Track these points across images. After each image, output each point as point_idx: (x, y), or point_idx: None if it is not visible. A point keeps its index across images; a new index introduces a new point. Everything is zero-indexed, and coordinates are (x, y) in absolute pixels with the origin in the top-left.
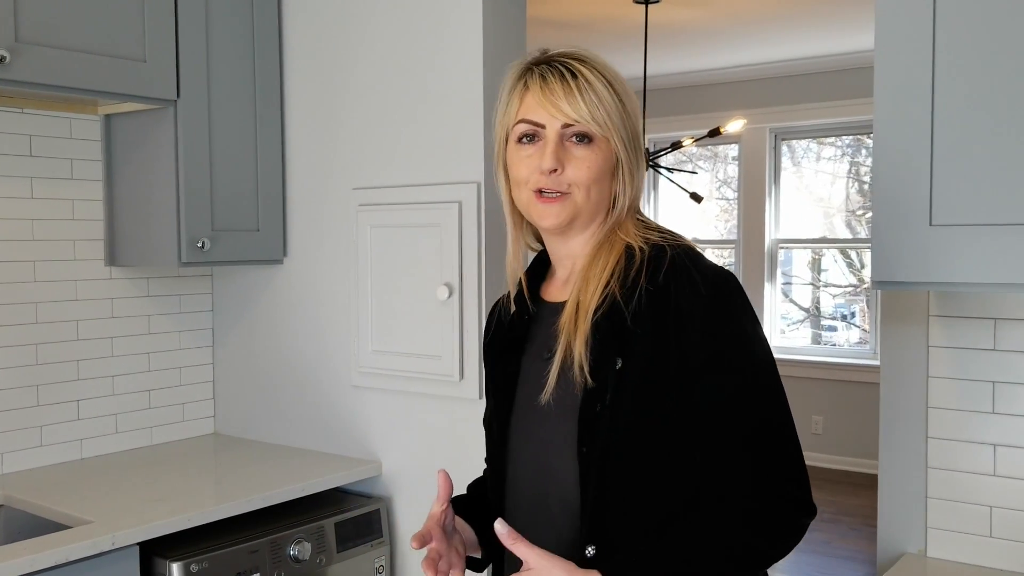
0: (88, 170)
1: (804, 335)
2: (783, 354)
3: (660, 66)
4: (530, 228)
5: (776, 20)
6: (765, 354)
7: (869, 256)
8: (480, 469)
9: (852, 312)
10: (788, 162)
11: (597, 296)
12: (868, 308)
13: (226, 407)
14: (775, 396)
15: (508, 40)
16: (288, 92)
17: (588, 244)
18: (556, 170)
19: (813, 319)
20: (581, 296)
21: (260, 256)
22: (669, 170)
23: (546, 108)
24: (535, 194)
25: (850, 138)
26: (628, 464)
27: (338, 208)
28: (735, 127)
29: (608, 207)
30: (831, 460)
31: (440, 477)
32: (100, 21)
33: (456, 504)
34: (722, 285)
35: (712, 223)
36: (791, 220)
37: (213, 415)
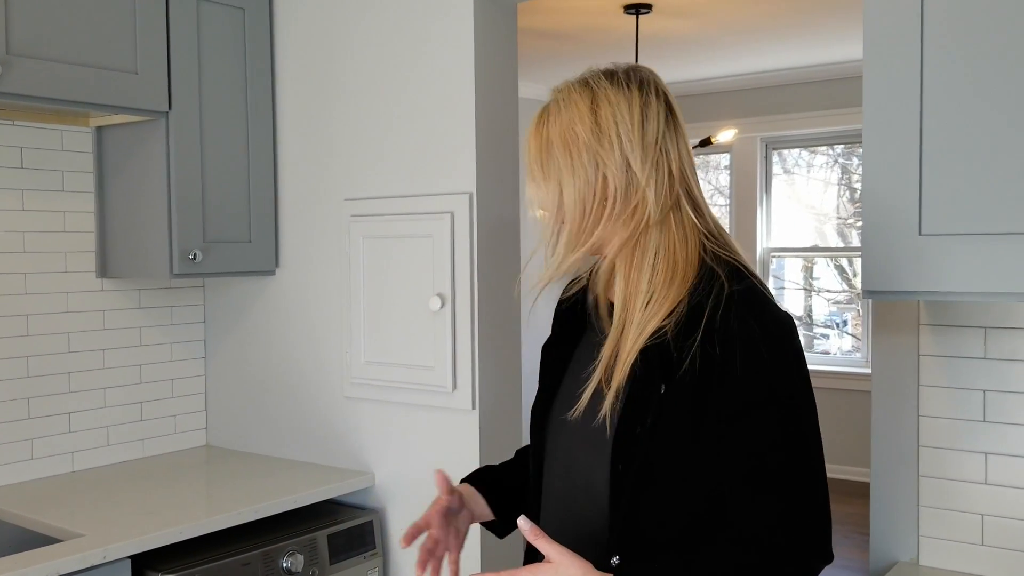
0: (79, 182)
1: None
2: None
3: None
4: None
5: (766, 30)
6: (806, 403)
7: (860, 264)
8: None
9: (844, 320)
10: (779, 170)
11: (652, 326)
12: (860, 316)
13: (218, 419)
14: (810, 445)
15: (499, 51)
16: (280, 103)
17: (645, 257)
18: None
19: (805, 327)
20: (628, 316)
21: (252, 267)
22: None
23: None
24: None
25: (842, 146)
26: (661, 488)
27: (330, 219)
28: (726, 137)
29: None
30: None
31: (438, 477)
32: (91, 33)
33: (486, 473)
34: (775, 331)
35: None
36: (783, 228)
37: (205, 427)
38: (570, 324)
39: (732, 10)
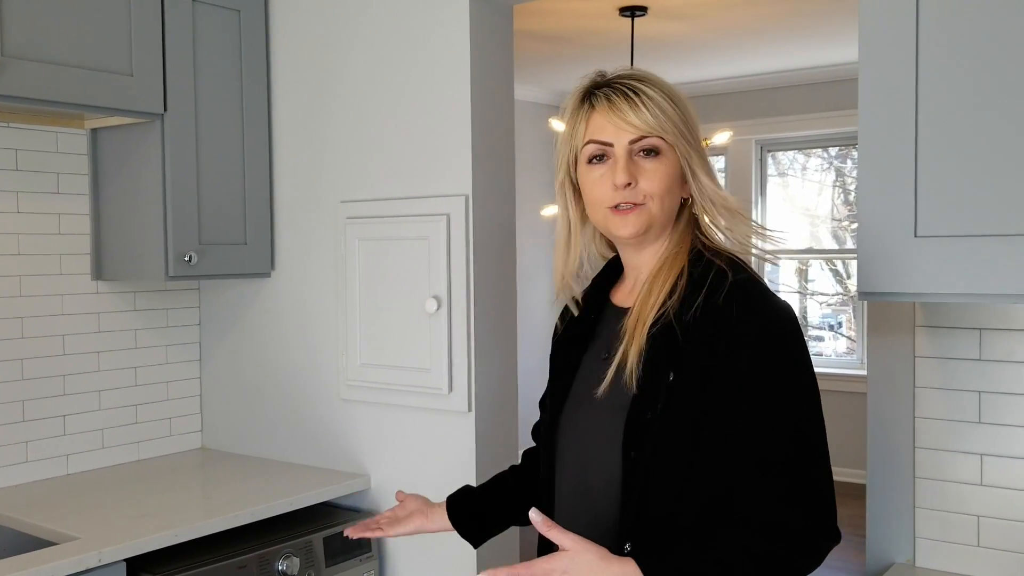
0: (74, 184)
1: None
2: None
3: None
4: (604, 239)
5: (761, 32)
6: (810, 387)
7: (855, 266)
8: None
9: (839, 322)
10: (774, 172)
11: (656, 310)
12: (855, 318)
13: (213, 421)
14: (815, 427)
15: (495, 53)
16: (275, 104)
17: (656, 255)
18: (630, 184)
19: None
20: (641, 308)
21: (247, 270)
22: None
23: (614, 124)
24: (611, 210)
25: (836, 148)
26: (672, 473)
27: (326, 221)
28: (721, 139)
29: (676, 217)
30: None
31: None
32: (87, 35)
33: (463, 491)
34: (777, 319)
35: None
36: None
37: (200, 429)
38: (583, 319)
39: (727, 13)
